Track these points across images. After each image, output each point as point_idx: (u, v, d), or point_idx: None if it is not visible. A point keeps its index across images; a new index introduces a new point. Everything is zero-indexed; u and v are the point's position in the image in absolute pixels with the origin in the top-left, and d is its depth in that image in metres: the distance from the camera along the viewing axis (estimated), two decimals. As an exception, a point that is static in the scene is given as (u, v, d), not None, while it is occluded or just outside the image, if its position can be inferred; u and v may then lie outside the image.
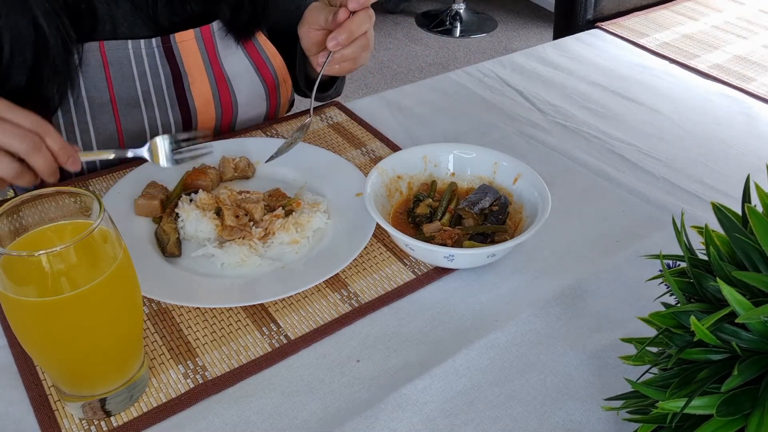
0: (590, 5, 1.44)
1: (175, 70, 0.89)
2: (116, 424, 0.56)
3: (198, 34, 0.89)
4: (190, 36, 0.89)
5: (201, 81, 0.91)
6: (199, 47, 0.90)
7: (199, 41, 0.90)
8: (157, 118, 0.89)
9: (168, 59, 0.88)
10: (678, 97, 1.08)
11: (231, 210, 0.75)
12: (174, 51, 0.88)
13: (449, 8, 3.65)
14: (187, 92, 0.90)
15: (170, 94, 0.89)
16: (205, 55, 0.91)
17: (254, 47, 0.95)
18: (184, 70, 0.90)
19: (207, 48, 0.91)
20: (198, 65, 0.90)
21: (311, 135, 0.94)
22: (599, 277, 0.72)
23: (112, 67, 0.85)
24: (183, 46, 0.89)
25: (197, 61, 0.90)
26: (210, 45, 0.91)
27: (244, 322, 0.66)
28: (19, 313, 0.50)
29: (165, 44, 0.88)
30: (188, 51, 0.89)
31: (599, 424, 0.57)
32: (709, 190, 0.86)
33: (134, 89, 0.87)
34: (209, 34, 0.90)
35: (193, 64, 0.90)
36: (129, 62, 0.86)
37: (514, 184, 0.78)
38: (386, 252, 0.74)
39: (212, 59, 0.91)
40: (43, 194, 0.51)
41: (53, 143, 0.69)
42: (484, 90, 1.08)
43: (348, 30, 0.79)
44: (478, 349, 0.63)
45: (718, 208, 0.47)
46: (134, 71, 0.87)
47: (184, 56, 0.89)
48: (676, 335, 0.47)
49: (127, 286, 0.53)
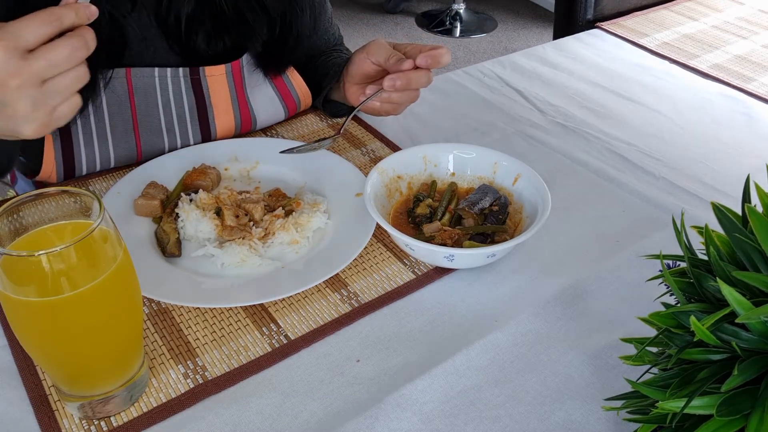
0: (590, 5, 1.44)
1: (200, 101, 0.88)
2: (116, 424, 0.56)
3: (229, 69, 0.88)
4: (221, 71, 0.88)
5: (225, 113, 0.90)
6: (228, 81, 0.89)
7: (228, 76, 0.89)
8: (179, 146, 0.88)
9: (194, 90, 0.87)
10: (678, 97, 1.08)
11: (231, 210, 0.75)
12: (202, 83, 0.87)
13: (449, 8, 3.65)
14: (210, 122, 0.89)
15: (193, 123, 0.88)
16: (233, 90, 0.90)
17: (281, 79, 0.95)
18: (210, 104, 0.88)
19: (236, 82, 0.90)
20: (225, 99, 0.89)
21: (311, 135, 0.95)
22: (599, 277, 0.72)
23: (137, 94, 0.84)
24: (212, 81, 0.88)
25: (224, 95, 0.89)
26: (238, 79, 0.90)
27: (244, 322, 0.66)
28: (19, 313, 0.50)
29: (193, 75, 0.87)
30: (217, 85, 0.88)
31: (599, 424, 0.57)
32: (709, 190, 0.86)
33: (157, 117, 0.86)
34: (239, 68, 0.89)
35: (220, 98, 0.89)
36: (154, 89, 0.85)
37: (514, 184, 0.78)
38: (386, 252, 0.74)
39: (239, 93, 0.90)
40: (43, 194, 0.51)
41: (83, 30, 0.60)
42: (484, 90, 1.08)
43: (408, 78, 0.81)
44: (478, 349, 0.63)
45: (718, 208, 0.47)
46: (158, 99, 0.86)
47: (212, 90, 0.88)
48: (676, 335, 0.47)
49: (127, 286, 0.53)
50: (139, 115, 0.85)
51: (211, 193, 0.78)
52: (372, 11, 3.77)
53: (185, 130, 0.88)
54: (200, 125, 0.89)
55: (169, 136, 0.87)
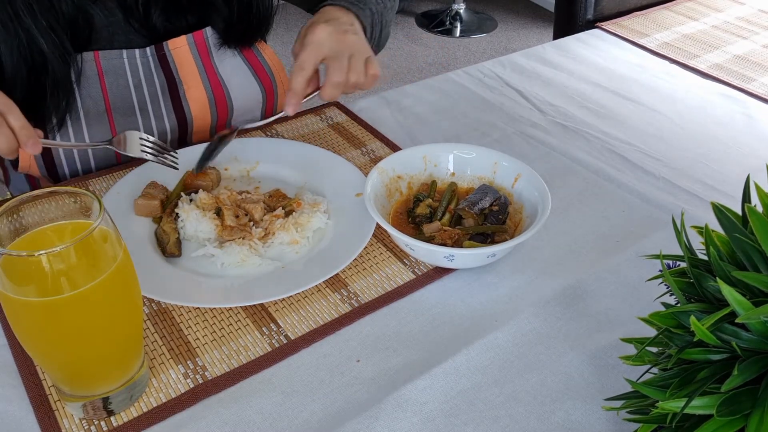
0: (590, 5, 1.44)
1: (169, 77, 0.89)
2: (116, 424, 0.56)
3: (191, 40, 0.89)
4: (182, 43, 0.89)
5: (196, 87, 0.91)
6: (193, 53, 0.90)
7: (192, 47, 0.89)
8: (153, 126, 0.89)
9: (162, 67, 0.88)
10: (678, 97, 1.08)
11: (231, 210, 0.75)
12: (168, 58, 0.88)
13: (449, 8, 3.65)
14: (182, 99, 0.90)
15: (166, 101, 0.89)
16: (199, 61, 0.90)
17: (251, 51, 0.95)
18: (179, 77, 0.89)
19: (201, 54, 0.90)
20: (192, 71, 0.90)
21: (311, 135, 0.94)
22: (599, 277, 0.72)
23: (107, 77, 0.85)
24: (176, 53, 0.89)
25: (191, 68, 0.90)
26: (204, 51, 0.90)
27: (244, 322, 0.66)
28: (19, 313, 0.50)
29: (159, 52, 0.88)
30: (182, 58, 0.89)
31: (599, 424, 0.57)
32: (709, 190, 0.86)
33: (130, 98, 0.87)
34: (202, 39, 0.90)
35: (187, 71, 0.90)
36: (124, 71, 0.86)
37: (514, 184, 0.78)
38: (386, 252, 0.74)
39: (207, 65, 0.91)
40: (43, 194, 0.51)
41: (14, 121, 0.67)
42: (484, 90, 1.08)
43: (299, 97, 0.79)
44: (478, 349, 0.63)
45: (718, 208, 0.47)
46: (129, 80, 0.86)
47: (178, 63, 0.89)
48: (676, 335, 0.47)
49: (127, 286, 0.53)
50: (111, 96, 0.86)
51: (211, 194, 0.78)
52: (372, 11, 3.76)
53: (158, 108, 0.89)
54: (173, 102, 0.89)
55: (143, 116, 0.88)
